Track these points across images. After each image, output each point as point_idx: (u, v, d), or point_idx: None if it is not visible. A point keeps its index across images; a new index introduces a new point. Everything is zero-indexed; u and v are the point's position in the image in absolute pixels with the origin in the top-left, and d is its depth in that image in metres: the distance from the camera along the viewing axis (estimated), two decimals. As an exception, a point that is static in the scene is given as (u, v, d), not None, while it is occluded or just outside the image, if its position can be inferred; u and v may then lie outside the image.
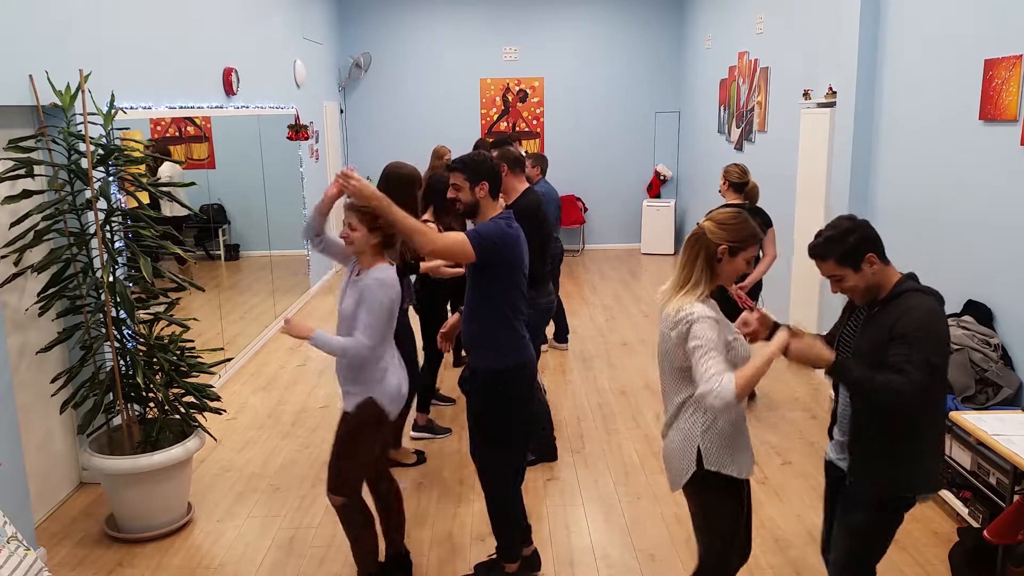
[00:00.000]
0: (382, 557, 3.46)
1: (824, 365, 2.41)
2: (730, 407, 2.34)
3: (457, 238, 3.05)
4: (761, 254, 5.32)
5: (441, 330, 3.67)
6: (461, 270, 4.56)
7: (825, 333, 2.79)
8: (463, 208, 3.20)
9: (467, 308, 3.26)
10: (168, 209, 5.43)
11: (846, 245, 2.45)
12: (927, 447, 2.49)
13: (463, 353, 6.14)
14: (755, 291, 5.57)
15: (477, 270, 3.14)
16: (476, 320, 3.22)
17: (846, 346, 2.60)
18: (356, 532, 3.27)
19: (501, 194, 4.44)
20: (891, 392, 2.30)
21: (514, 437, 3.33)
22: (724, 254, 2.50)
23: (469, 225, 3.30)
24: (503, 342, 3.21)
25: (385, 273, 3.05)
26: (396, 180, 4.25)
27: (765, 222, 5.30)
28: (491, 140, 7.14)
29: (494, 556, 3.49)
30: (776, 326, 2.66)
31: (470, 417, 3.38)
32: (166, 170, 5.78)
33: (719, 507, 2.62)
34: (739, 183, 5.32)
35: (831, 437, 2.72)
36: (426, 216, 4.80)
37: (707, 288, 2.53)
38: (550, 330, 6.74)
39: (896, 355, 2.34)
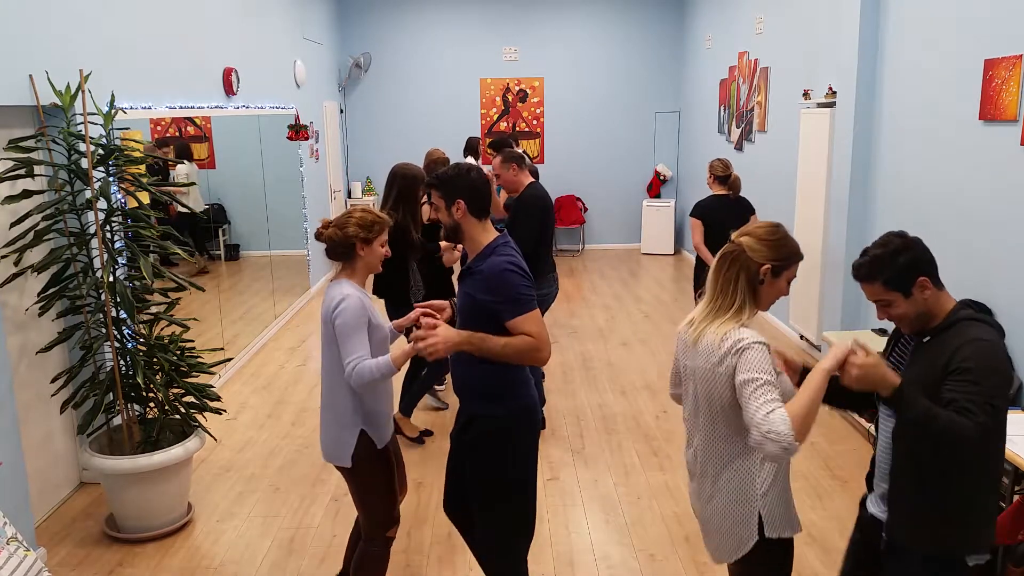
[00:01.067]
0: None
1: (888, 390, 2.03)
2: (790, 452, 1.95)
3: (538, 326, 2.65)
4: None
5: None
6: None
7: None
8: (446, 231, 2.80)
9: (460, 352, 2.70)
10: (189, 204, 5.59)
11: (896, 267, 2.14)
12: (983, 500, 2.15)
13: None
14: None
15: (480, 313, 2.68)
16: (478, 362, 2.69)
17: None
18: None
19: (506, 191, 4.65)
20: (955, 434, 1.95)
21: (530, 497, 2.85)
22: (767, 274, 2.19)
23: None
24: (509, 385, 2.75)
25: (335, 294, 2.85)
26: (402, 177, 4.58)
27: (748, 209, 5.81)
28: (489, 140, 7.16)
29: None
30: (806, 371, 2.32)
31: (471, 479, 2.82)
32: (183, 170, 5.81)
33: (778, 573, 2.30)
34: (723, 176, 5.79)
35: (869, 488, 2.39)
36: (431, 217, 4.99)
37: (750, 315, 2.19)
38: None
39: (956, 391, 2.00)
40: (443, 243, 4.74)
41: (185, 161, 5.79)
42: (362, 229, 2.85)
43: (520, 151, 6.46)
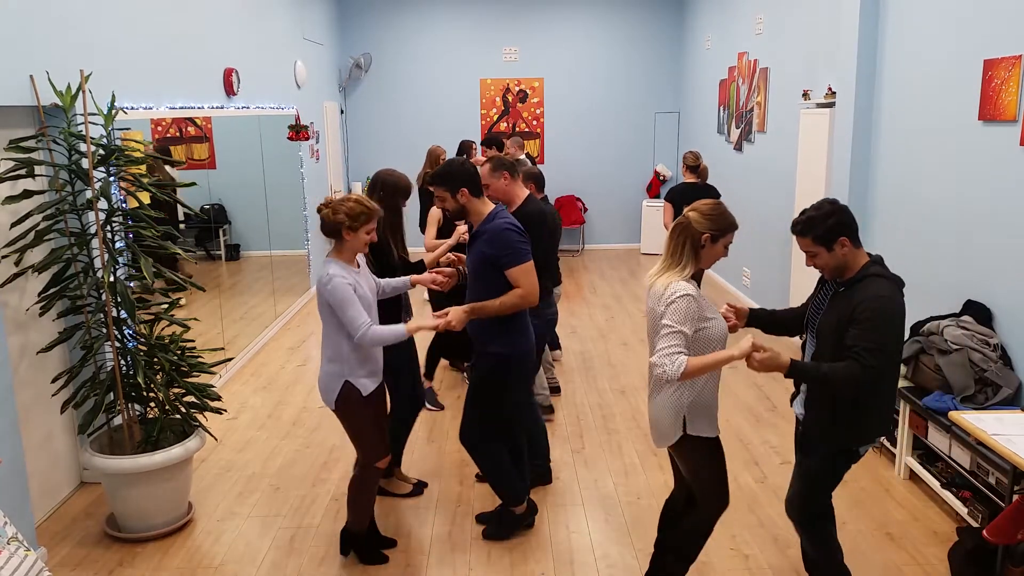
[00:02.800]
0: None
1: (784, 370, 2.70)
2: (670, 382, 2.75)
3: (525, 273, 3.41)
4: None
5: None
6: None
7: (804, 302, 3.11)
8: (452, 214, 3.55)
9: (473, 299, 3.49)
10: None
11: (824, 226, 2.75)
12: (871, 409, 2.82)
13: (465, 364, 6.09)
14: None
15: (488, 267, 3.42)
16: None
17: (815, 316, 2.93)
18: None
19: (503, 203, 4.46)
20: (846, 380, 2.65)
21: (504, 415, 3.69)
22: (707, 241, 2.82)
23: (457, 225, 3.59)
24: (510, 329, 3.51)
25: (324, 270, 3.36)
26: (382, 186, 4.05)
27: (714, 194, 6.69)
28: (483, 140, 7.17)
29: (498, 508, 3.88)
30: (752, 312, 3.10)
31: (468, 398, 3.66)
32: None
33: (704, 461, 2.98)
34: (693, 166, 6.85)
35: (797, 391, 3.08)
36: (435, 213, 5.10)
37: (692, 269, 2.83)
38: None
39: (851, 339, 2.66)
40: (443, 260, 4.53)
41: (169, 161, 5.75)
42: (349, 218, 3.25)
43: (523, 155, 6.43)
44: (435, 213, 5.21)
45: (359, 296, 3.27)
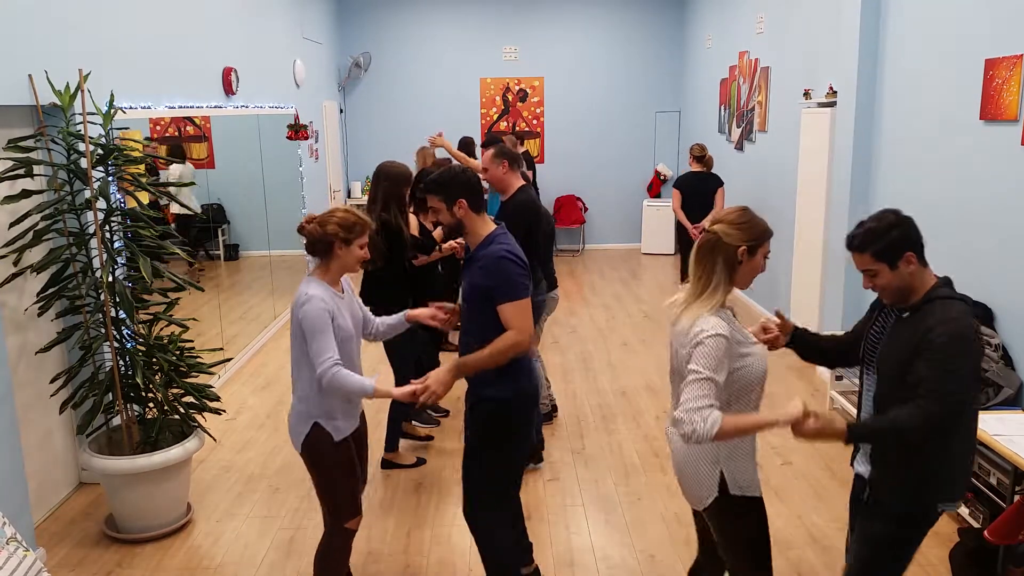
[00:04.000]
0: None
1: (841, 438, 2.28)
2: (696, 441, 2.21)
3: (519, 311, 2.81)
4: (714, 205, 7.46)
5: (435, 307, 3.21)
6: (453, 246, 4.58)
7: (850, 330, 2.71)
8: (447, 230, 3.00)
9: (467, 337, 2.94)
10: (176, 207, 5.51)
11: (886, 240, 2.33)
12: (953, 455, 2.38)
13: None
14: None
15: (482, 299, 2.86)
16: (479, 346, 2.86)
17: (872, 348, 2.51)
18: None
19: (498, 191, 4.44)
20: (922, 427, 2.22)
21: (510, 472, 3.06)
22: (744, 255, 2.39)
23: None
24: (509, 368, 2.89)
25: (301, 290, 2.92)
26: (385, 177, 4.38)
27: (717, 182, 7.51)
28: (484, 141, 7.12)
29: None
30: (796, 331, 2.67)
31: (465, 457, 3.06)
32: (177, 170, 5.81)
33: (745, 530, 2.50)
34: (699, 156, 7.55)
35: (856, 446, 2.62)
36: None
37: (724, 296, 2.40)
38: None
39: (927, 370, 2.23)
40: (446, 244, 4.66)
41: (178, 162, 5.77)
42: (342, 229, 2.87)
43: (521, 151, 6.43)
44: (411, 222, 4.73)
45: (337, 326, 2.85)
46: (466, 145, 9.06)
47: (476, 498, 3.05)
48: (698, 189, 7.50)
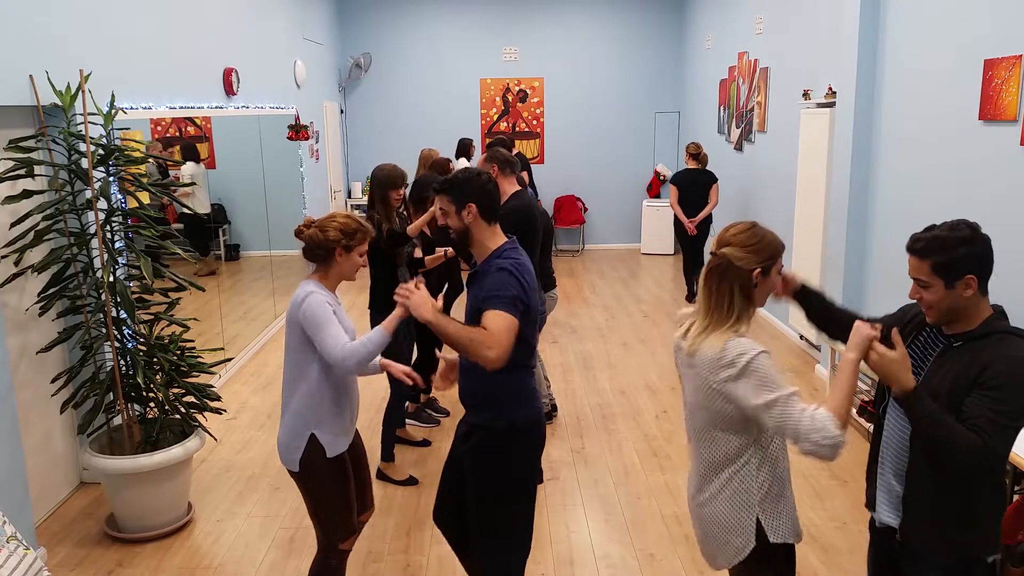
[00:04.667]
0: None
1: (899, 389, 2.06)
2: (841, 447, 1.98)
3: (505, 325, 2.51)
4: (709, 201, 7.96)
5: (437, 373, 2.95)
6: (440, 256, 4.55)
7: (876, 317, 2.42)
8: (456, 236, 2.71)
9: (464, 364, 2.73)
10: (195, 207, 5.69)
11: (952, 254, 2.10)
12: (996, 501, 2.16)
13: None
14: (704, 225, 8.03)
15: (477, 318, 2.61)
16: (476, 371, 2.62)
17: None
18: None
19: None
20: (966, 451, 1.96)
21: (517, 507, 2.77)
22: (759, 277, 2.18)
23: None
24: (507, 395, 2.68)
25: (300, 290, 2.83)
26: (375, 181, 4.37)
27: (712, 178, 8.01)
28: (488, 141, 7.12)
29: None
30: (804, 287, 2.47)
31: (471, 489, 2.75)
32: (189, 170, 5.86)
33: None
34: (695, 153, 8.06)
35: (871, 483, 2.31)
36: (403, 210, 4.92)
37: (748, 322, 2.18)
38: None
39: (979, 408, 1.99)
40: (429, 258, 4.62)
41: (190, 162, 5.81)
42: (344, 235, 2.78)
43: (514, 152, 6.40)
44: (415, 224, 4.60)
45: (340, 319, 2.77)
46: (464, 147, 9.07)
47: (488, 553, 2.76)
48: (694, 185, 8.05)
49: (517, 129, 11.34)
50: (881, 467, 2.26)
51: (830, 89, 5.96)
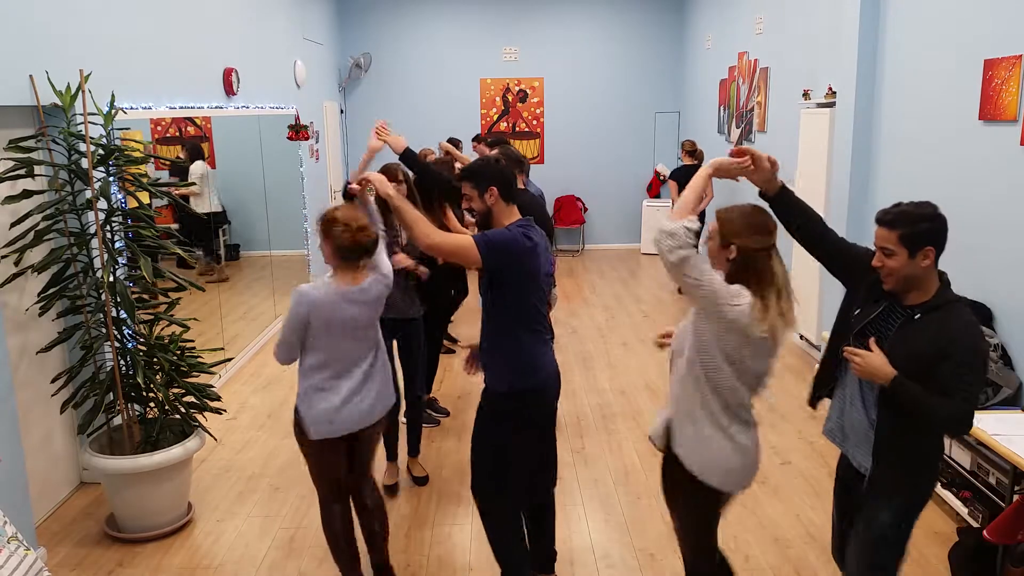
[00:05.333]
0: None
1: (887, 381, 2.35)
2: (677, 241, 2.39)
3: (463, 240, 2.89)
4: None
5: (467, 356, 3.39)
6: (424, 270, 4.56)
7: (836, 239, 2.79)
8: (478, 217, 3.05)
9: (483, 324, 3.10)
10: (202, 206, 5.76)
11: (917, 226, 2.40)
12: (940, 449, 2.55)
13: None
14: (700, 218, 8.03)
15: (489, 283, 2.97)
16: (488, 338, 3.04)
17: (862, 334, 2.51)
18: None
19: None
20: (950, 420, 2.33)
21: (513, 472, 3.08)
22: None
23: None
24: (514, 362, 2.99)
25: (300, 287, 3.03)
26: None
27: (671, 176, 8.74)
28: (490, 140, 7.11)
29: None
30: (786, 190, 2.87)
31: (472, 444, 3.17)
32: (198, 169, 5.88)
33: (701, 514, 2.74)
34: (691, 150, 8.92)
35: (814, 401, 2.75)
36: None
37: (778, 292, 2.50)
38: None
39: (951, 377, 2.29)
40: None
41: (199, 161, 5.84)
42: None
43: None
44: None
45: (327, 320, 2.98)
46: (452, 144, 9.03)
47: (478, 482, 3.17)
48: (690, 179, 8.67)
49: (517, 129, 11.34)
50: (857, 425, 2.55)
51: (830, 89, 5.96)
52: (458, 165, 5.72)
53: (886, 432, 2.46)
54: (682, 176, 8.67)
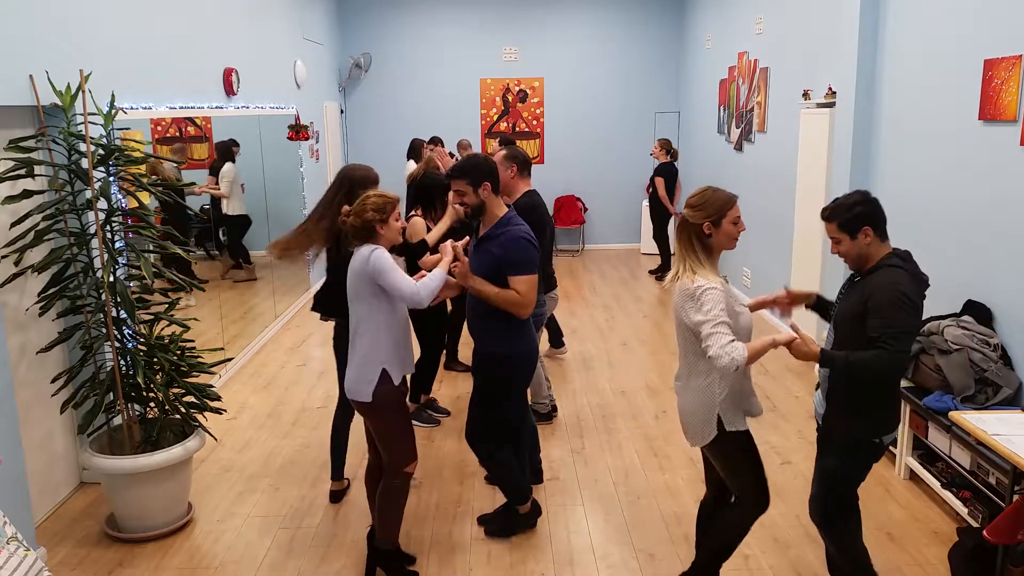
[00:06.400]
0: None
1: (815, 358, 2.74)
2: (738, 368, 2.63)
3: (532, 285, 3.34)
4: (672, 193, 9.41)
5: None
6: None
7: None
8: (470, 210, 3.39)
9: (476, 303, 3.45)
10: (229, 208, 5.94)
11: (849, 213, 2.82)
12: (892, 397, 2.90)
13: (467, 363, 6.15)
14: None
15: (494, 273, 3.35)
16: (486, 314, 3.44)
17: (835, 307, 2.99)
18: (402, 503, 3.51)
19: (503, 195, 4.44)
20: (875, 368, 2.67)
21: (509, 415, 3.64)
22: (710, 229, 2.83)
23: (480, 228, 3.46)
24: (511, 330, 3.45)
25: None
26: (349, 181, 4.19)
27: (656, 172, 9.35)
28: (498, 140, 7.14)
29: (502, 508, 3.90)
30: (820, 299, 3.19)
31: (472, 401, 3.63)
32: (229, 170, 5.98)
33: (742, 458, 2.97)
34: (669, 149, 9.48)
35: (818, 385, 3.09)
36: (413, 213, 4.93)
37: (711, 266, 2.84)
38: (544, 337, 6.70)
39: (873, 328, 2.69)
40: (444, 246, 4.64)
41: (228, 162, 5.93)
42: (377, 212, 3.19)
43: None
44: (419, 223, 4.77)
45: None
46: (415, 147, 9.04)
47: (479, 431, 3.62)
48: (672, 175, 9.47)
49: (517, 129, 11.33)
50: (819, 374, 3.06)
51: (830, 89, 5.96)
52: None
53: (834, 378, 2.91)
54: (667, 172, 9.34)
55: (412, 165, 8.87)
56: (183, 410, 3.94)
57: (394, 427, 3.33)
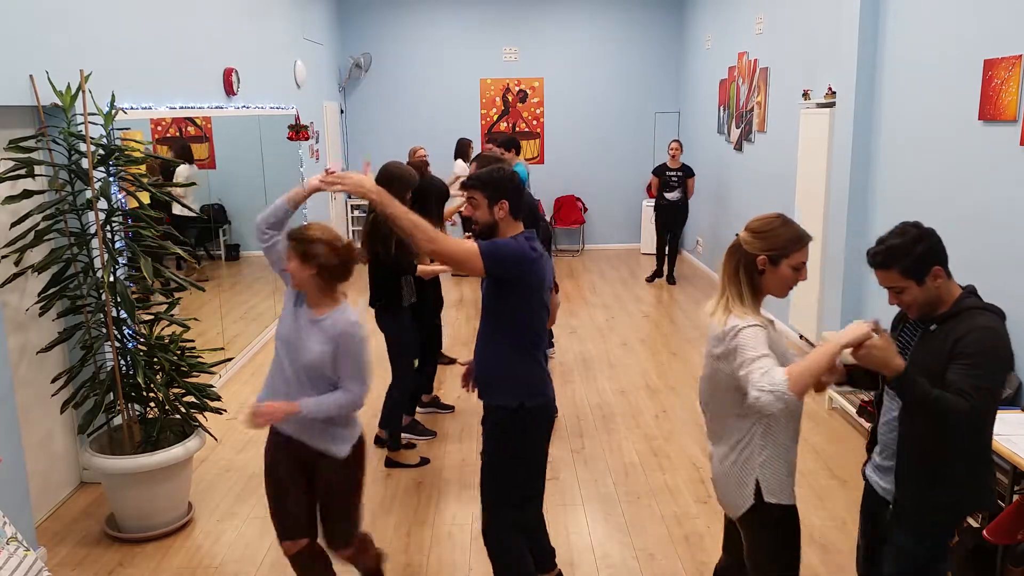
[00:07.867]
0: None
1: (892, 372, 2.18)
2: (786, 403, 2.07)
3: (466, 246, 2.76)
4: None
5: (464, 372, 3.21)
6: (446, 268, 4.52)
7: None
8: (480, 228, 2.90)
9: (480, 339, 2.97)
10: (177, 208, 5.57)
11: (913, 256, 2.29)
12: (982, 468, 2.39)
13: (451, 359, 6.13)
14: (683, 214, 9.25)
15: (491, 293, 2.88)
16: (489, 351, 2.93)
17: None
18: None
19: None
20: (951, 413, 2.15)
21: (521, 485, 3.05)
22: (765, 264, 2.31)
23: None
24: (520, 377, 2.91)
25: (353, 315, 2.83)
26: (389, 179, 4.29)
27: (688, 174, 9.07)
28: (499, 140, 7.12)
29: None
30: (850, 371, 2.52)
31: (482, 464, 3.06)
32: (183, 171, 5.84)
33: (780, 538, 2.44)
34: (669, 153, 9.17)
35: (869, 454, 2.60)
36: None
37: (754, 305, 2.33)
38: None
39: (958, 375, 2.19)
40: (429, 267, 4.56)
41: (184, 163, 5.80)
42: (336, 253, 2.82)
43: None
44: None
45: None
46: (463, 147, 9.07)
47: (489, 507, 3.03)
48: (666, 175, 9.25)
49: (517, 129, 11.34)
50: (881, 445, 2.49)
51: (830, 89, 5.97)
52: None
53: (907, 447, 2.37)
54: (661, 172, 9.21)
55: (461, 164, 8.89)
56: (183, 410, 3.94)
57: (359, 487, 3.01)
